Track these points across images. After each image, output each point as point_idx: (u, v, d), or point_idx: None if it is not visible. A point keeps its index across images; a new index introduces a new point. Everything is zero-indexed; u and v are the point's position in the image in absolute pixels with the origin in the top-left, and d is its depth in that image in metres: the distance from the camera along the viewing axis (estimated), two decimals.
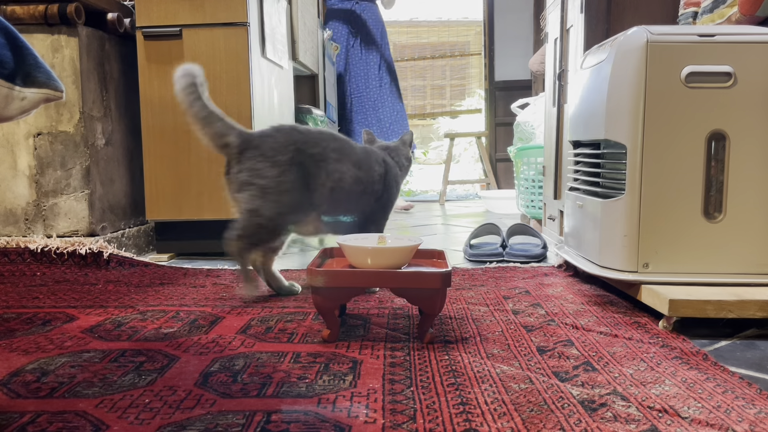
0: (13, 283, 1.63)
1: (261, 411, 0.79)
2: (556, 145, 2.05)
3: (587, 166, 1.49)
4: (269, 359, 0.99)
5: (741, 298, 1.12)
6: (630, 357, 0.99)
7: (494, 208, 3.64)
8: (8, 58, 0.93)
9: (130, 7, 2.10)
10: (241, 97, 1.97)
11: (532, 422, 0.75)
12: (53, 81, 0.99)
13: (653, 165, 1.24)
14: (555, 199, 2.05)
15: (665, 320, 1.15)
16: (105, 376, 0.91)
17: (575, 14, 1.90)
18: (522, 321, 1.21)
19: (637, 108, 1.23)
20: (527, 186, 2.71)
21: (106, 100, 2.05)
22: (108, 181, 2.04)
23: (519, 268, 1.76)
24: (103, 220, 2.00)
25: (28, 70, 0.96)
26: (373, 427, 0.74)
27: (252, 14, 1.99)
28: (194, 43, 1.96)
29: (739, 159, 1.22)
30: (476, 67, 6.79)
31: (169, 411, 0.79)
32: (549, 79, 2.21)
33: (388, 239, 1.22)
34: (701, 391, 0.84)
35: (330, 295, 1.08)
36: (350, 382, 0.89)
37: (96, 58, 1.98)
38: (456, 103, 7.11)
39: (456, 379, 0.90)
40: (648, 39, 1.22)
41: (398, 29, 7.28)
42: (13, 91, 0.94)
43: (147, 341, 1.10)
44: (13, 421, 0.76)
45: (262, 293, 1.45)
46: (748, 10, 1.38)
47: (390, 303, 1.36)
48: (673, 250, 1.25)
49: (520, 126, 2.96)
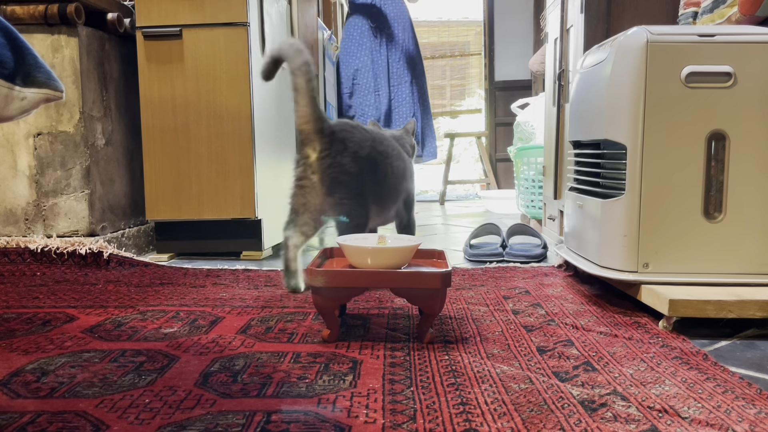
0: (13, 283, 1.63)
1: (261, 411, 0.79)
2: (556, 145, 2.05)
3: (587, 166, 1.49)
4: (269, 359, 0.99)
5: (741, 298, 1.12)
6: (630, 357, 0.99)
7: (494, 208, 3.64)
8: (8, 58, 0.93)
9: (130, 7, 2.10)
10: (241, 97, 1.97)
11: (532, 422, 0.75)
12: (53, 81, 0.99)
13: (653, 165, 1.24)
14: (555, 199, 2.05)
15: (665, 320, 1.15)
16: (105, 376, 0.91)
17: (575, 14, 1.90)
18: (522, 321, 1.21)
19: (637, 108, 1.23)
20: (527, 186, 2.71)
21: (106, 100, 2.05)
22: (108, 181, 2.04)
23: (519, 268, 1.76)
24: (103, 220, 2.00)
25: (28, 70, 0.96)
26: (373, 427, 0.74)
27: (252, 14, 1.99)
28: (194, 43, 1.96)
29: (739, 159, 1.22)
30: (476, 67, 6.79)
31: (169, 411, 0.79)
32: (549, 79, 2.21)
33: (388, 239, 1.22)
34: (701, 391, 0.84)
35: (330, 295, 1.08)
36: (350, 382, 0.89)
37: (96, 58, 1.98)
38: (456, 103, 7.11)
39: (456, 379, 0.90)
40: (648, 39, 1.22)
41: None
42: (13, 91, 0.93)
43: (147, 341, 1.09)
44: (13, 421, 0.76)
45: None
46: (748, 10, 1.38)
47: (390, 303, 1.36)
48: (673, 250, 1.25)
49: (520, 126, 2.96)
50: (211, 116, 1.98)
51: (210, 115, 1.98)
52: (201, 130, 1.98)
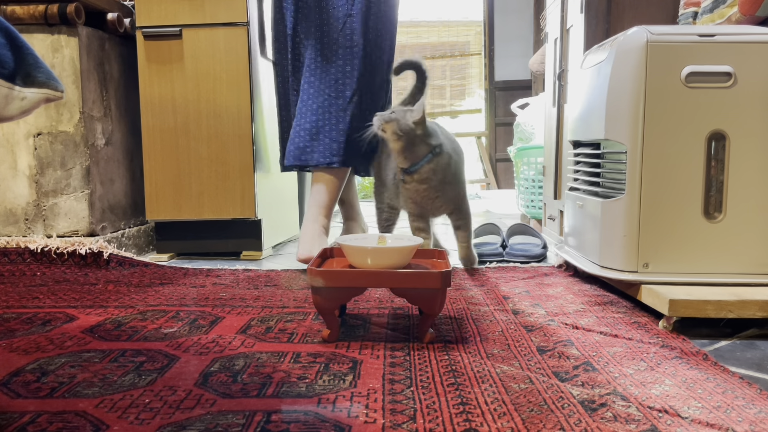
0: (13, 283, 1.63)
1: (261, 411, 0.79)
2: (556, 145, 2.05)
3: (587, 166, 1.49)
4: (269, 359, 0.99)
5: (741, 298, 1.12)
6: (630, 357, 0.99)
7: (494, 208, 3.64)
8: (8, 58, 0.93)
9: (130, 7, 2.10)
10: (241, 97, 1.97)
11: (532, 422, 0.75)
12: (53, 81, 0.99)
13: (653, 165, 1.24)
14: (555, 199, 2.05)
15: (665, 320, 1.15)
16: (105, 376, 0.91)
17: (575, 14, 1.90)
18: (522, 321, 1.21)
19: (637, 108, 1.23)
20: (527, 186, 2.71)
21: (106, 100, 2.05)
22: (108, 181, 2.04)
23: (519, 268, 1.76)
24: (103, 220, 2.00)
25: (28, 70, 0.96)
26: (373, 427, 0.74)
27: (252, 14, 1.99)
28: (194, 43, 1.96)
29: (739, 159, 1.22)
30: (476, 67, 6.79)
31: (169, 411, 0.79)
32: (549, 79, 2.21)
33: (388, 239, 1.22)
34: (701, 391, 0.84)
35: (330, 295, 1.08)
36: (350, 382, 0.89)
37: (96, 58, 1.98)
38: (456, 103, 7.10)
39: (456, 379, 0.90)
40: (648, 39, 1.22)
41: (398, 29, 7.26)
42: (13, 91, 0.93)
43: (147, 341, 1.09)
44: (13, 421, 0.76)
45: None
46: (748, 10, 1.38)
47: (390, 303, 1.36)
48: (673, 250, 1.25)
49: (520, 126, 2.96)
50: (211, 116, 1.98)
51: (210, 115, 1.98)
52: (201, 130, 1.98)
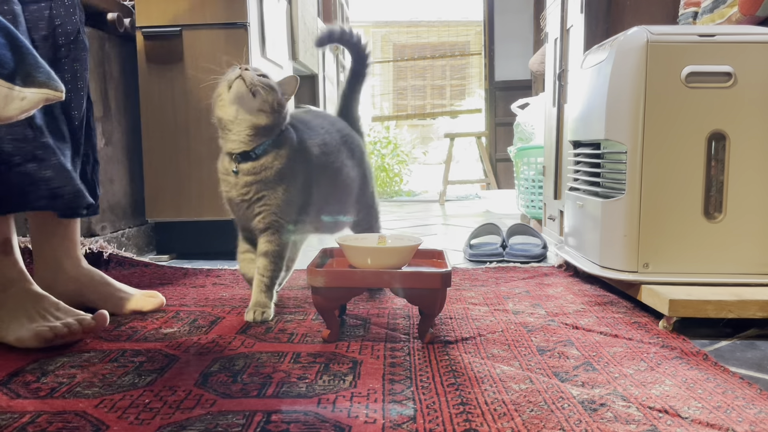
0: None
1: (261, 411, 0.79)
2: (556, 145, 2.05)
3: (587, 166, 1.49)
4: (269, 359, 0.99)
5: (741, 298, 1.12)
6: (630, 357, 0.99)
7: (494, 208, 3.64)
8: (8, 58, 0.93)
9: (130, 7, 2.10)
10: None
11: (532, 422, 0.75)
12: (53, 81, 0.99)
13: (653, 165, 1.24)
14: (555, 199, 2.05)
15: (665, 320, 1.15)
16: (105, 376, 0.91)
17: (575, 14, 1.90)
18: (522, 321, 1.21)
19: (637, 108, 1.23)
20: (527, 186, 2.71)
21: (106, 100, 2.04)
22: (108, 181, 2.04)
23: (519, 268, 1.76)
24: (103, 220, 2.00)
25: (28, 70, 0.96)
26: (373, 427, 0.74)
27: (252, 14, 1.99)
28: (194, 43, 1.96)
29: (739, 159, 1.22)
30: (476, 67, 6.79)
31: (169, 411, 0.79)
32: (549, 79, 2.21)
33: (388, 239, 1.22)
34: (701, 392, 0.84)
35: (330, 295, 1.08)
36: (350, 382, 0.89)
37: (96, 58, 1.98)
38: (456, 103, 7.11)
39: (456, 379, 0.90)
40: (648, 39, 1.22)
41: (398, 29, 7.28)
42: (12, 91, 0.93)
43: (147, 341, 1.09)
44: (13, 421, 0.76)
45: None
46: (748, 10, 1.38)
47: (390, 303, 1.36)
48: (673, 250, 1.25)
49: (520, 126, 2.97)
50: (211, 116, 1.98)
51: (210, 115, 1.98)
52: (201, 130, 1.98)
